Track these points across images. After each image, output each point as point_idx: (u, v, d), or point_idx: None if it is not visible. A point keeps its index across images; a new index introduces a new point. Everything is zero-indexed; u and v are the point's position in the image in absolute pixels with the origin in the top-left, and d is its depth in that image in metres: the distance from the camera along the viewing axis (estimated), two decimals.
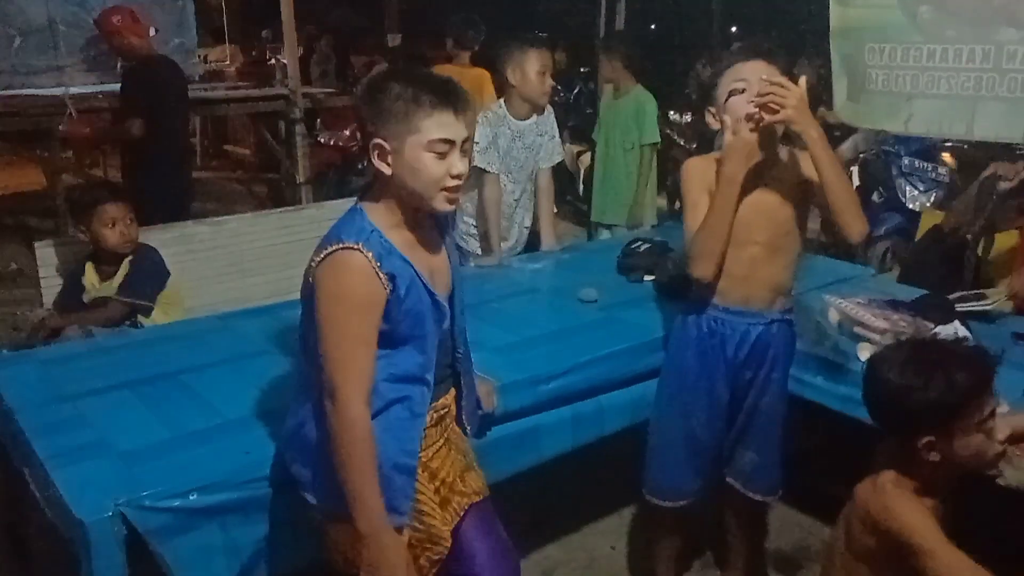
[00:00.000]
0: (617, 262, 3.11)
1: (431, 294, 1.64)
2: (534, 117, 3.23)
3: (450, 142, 1.57)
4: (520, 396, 2.20)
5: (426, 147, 1.56)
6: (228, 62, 7.81)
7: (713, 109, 2.11)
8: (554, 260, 3.30)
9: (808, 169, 2.03)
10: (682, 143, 6.56)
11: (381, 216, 1.62)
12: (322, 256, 1.55)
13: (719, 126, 2.07)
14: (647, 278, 2.97)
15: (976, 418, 1.53)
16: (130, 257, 2.93)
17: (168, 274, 3.00)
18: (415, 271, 1.61)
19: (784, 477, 2.34)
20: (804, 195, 2.09)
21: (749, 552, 2.51)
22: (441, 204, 1.62)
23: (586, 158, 6.21)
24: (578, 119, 7.39)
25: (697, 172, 2.15)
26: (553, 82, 3.19)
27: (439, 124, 1.55)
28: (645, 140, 4.30)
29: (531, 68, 3.12)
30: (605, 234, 4.39)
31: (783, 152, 2.11)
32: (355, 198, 1.71)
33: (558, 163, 3.49)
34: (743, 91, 2.02)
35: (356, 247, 1.53)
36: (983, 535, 1.54)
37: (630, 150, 4.30)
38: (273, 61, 7.87)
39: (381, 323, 1.57)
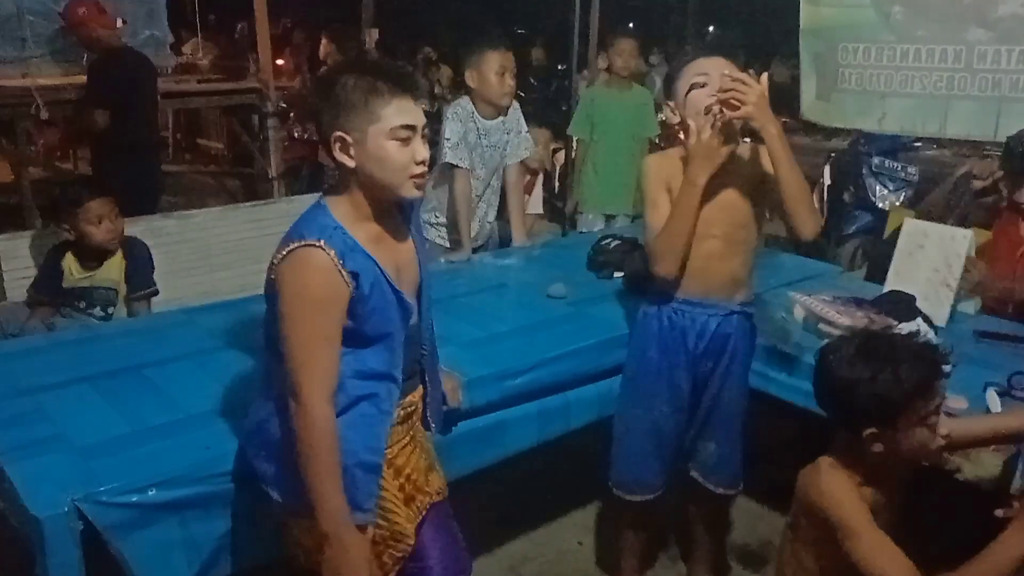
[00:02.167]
0: (587, 258, 3.12)
1: (396, 291, 1.62)
2: (501, 115, 3.22)
3: (411, 127, 1.56)
4: (486, 391, 2.20)
5: (389, 135, 1.55)
6: (200, 55, 7.71)
7: (672, 104, 2.13)
8: (524, 256, 3.30)
9: (765, 165, 2.04)
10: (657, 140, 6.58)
11: (345, 211, 1.60)
12: (283, 253, 1.53)
13: (677, 120, 2.09)
14: (617, 274, 2.98)
15: (921, 413, 1.55)
16: (121, 251, 2.92)
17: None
18: (379, 268, 1.59)
19: (746, 470, 2.37)
20: (761, 190, 2.11)
21: (713, 545, 2.54)
22: (409, 191, 1.61)
23: (561, 155, 6.21)
24: (556, 116, 7.38)
25: (655, 169, 2.18)
26: (513, 82, 3.13)
27: (400, 110, 1.55)
28: (649, 132, 4.39)
29: (488, 70, 3.10)
30: (599, 225, 4.39)
31: (741, 148, 2.13)
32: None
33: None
34: (704, 85, 2.04)
35: (318, 244, 1.51)
36: (944, 530, 1.56)
37: (638, 142, 4.33)
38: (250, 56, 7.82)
39: (345, 320, 1.56)
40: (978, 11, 4.31)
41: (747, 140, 2.11)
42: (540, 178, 4.47)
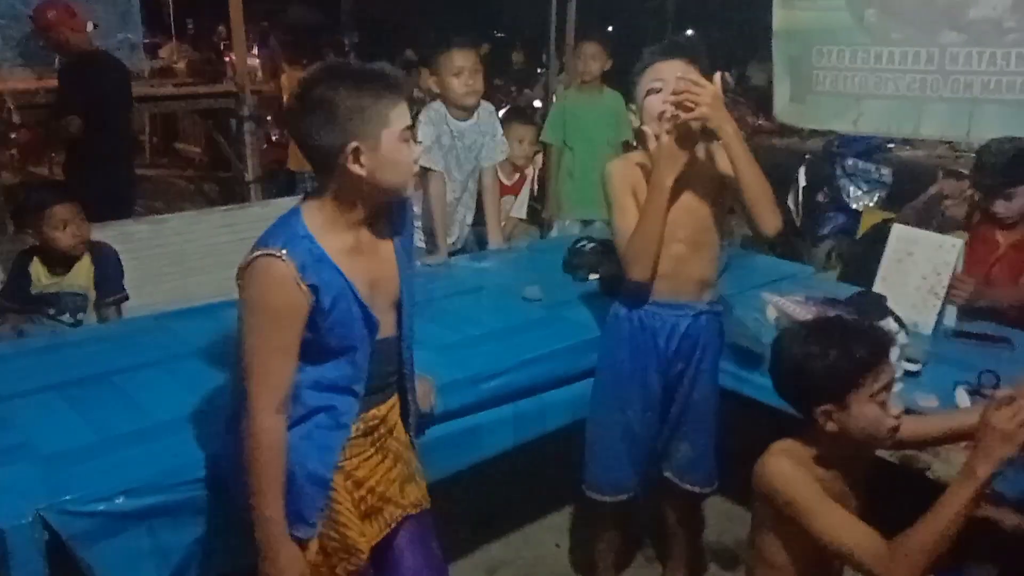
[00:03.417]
0: (563, 261, 3.12)
1: (362, 306, 1.60)
2: (475, 117, 3.21)
3: (411, 127, 1.58)
4: (461, 395, 2.19)
5: (400, 137, 1.56)
6: (176, 59, 7.65)
7: (634, 107, 2.15)
8: (500, 259, 3.30)
9: (724, 165, 2.05)
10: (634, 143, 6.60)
11: (324, 219, 1.58)
12: (246, 261, 1.52)
13: (639, 124, 2.10)
14: (592, 276, 2.98)
15: (871, 389, 1.58)
16: (89, 256, 2.89)
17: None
18: (347, 281, 1.57)
19: (721, 469, 2.38)
20: (722, 191, 2.13)
21: (689, 545, 2.55)
22: (410, 189, 1.65)
23: (539, 158, 6.22)
24: (537, 118, 7.39)
25: (620, 175, 2.19)
26: (475, 81, 3.11)
27: (403, 112, 1.56)
28: (623, 136, 4.36)
29: (447, 72, 3.09)
30: (575, 229, 4.38)
31: (700, 149, 2.14)
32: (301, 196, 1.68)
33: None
34: (659, 90, 2.05)
35: (278, 254, 1.49)
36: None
37: (612, 145, 4.33)
38: (227, 58, 7.77)
39: (304, 332, 1.54)
40: (950, 14, 4.34)
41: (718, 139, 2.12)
42: (529, 178, 4.45)
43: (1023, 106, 4.03)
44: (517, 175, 4.29)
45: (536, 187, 6.02)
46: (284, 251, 1.50)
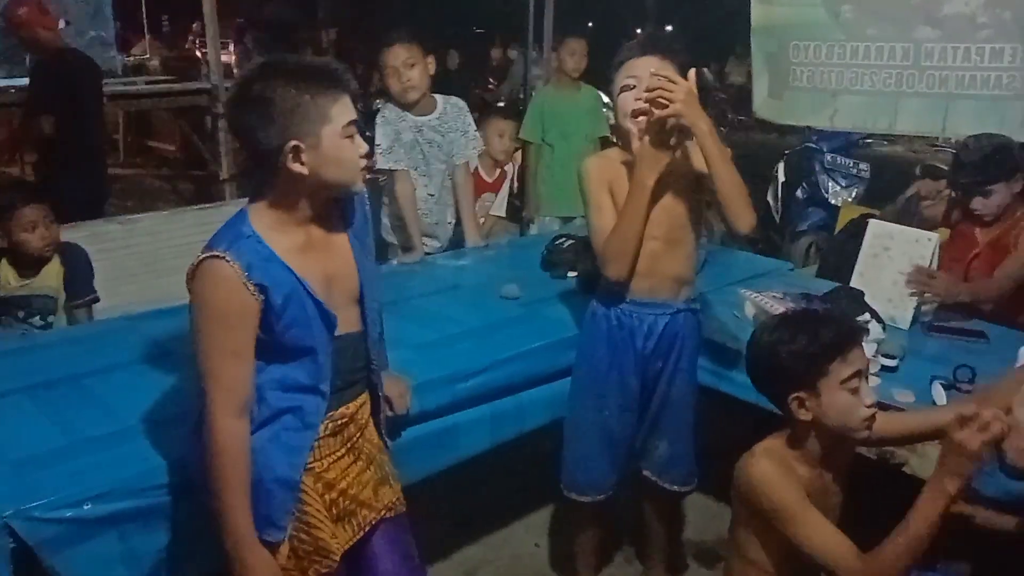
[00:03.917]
0: (541, 258, 3.11)
1: (317, 303, 1.57)
2: (437, 112, 3.18)
3: (354, 122, 1.55)
4: (437, 395, 2.17)
5: (342, 134, 1.52)
6: (149, 56, 7.58)
7: (611, 104, 2.14)
8: (478, 256, 3.28)
9: (699, 162, 2.04)
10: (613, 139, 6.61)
11: (271, 219, 1.55)
12: (193, 265, 1.50)
13: (615, 120, 2.10)
14: (571, 274, 2.97)
15: (841, 375, 1.59)
16: (58, 258, 2.84)
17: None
18: (298, 279, 1.54)
19: (700, 467, 2.37)
20: (698, 188, 2.12)
21: (669, 543, 2.54)
22: (360, 184, 1.62)
23: (519, 155, 6.21)
24: (517, 114, 7.38)
25: (596, 172, 2.18)
26: (414, 75, 3.06)
27: (345, 107, 1.53)
28: (601, 132, 4.36)
29: (385, 69, 3.08)
30: (555, 226, 4.37)
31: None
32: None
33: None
34: (633, 87, 2.04)
35: (222, 256, 1.47)
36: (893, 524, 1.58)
37: (590, 142, 4.31)
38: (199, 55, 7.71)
39: (259, 333, 1.52)
40: (925, 10, 4.37)
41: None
42: (509, 176, 4.42)
43: (997, 101, 4.07)
44: (498, 171, 4.28)
45: (516, 184, 6.01)
46: (228, 252, 1.47)
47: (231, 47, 9.29)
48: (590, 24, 11.70)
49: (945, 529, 1.46)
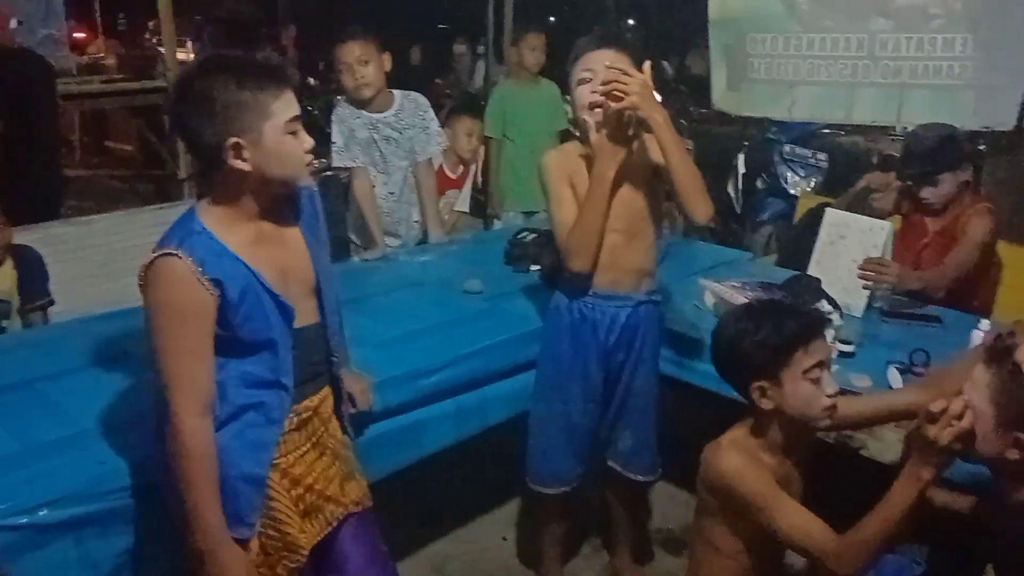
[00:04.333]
0: (504, 252, 3.11)
1: (273, 295, 1.57)
2: (394, 108, 3.16)
3: (298, 118, 1.54)
4: (400, 391, 2.17)
5: (284, 129, 1.51)
6: (104, 55, 7.44)
7: (569, 98, 2.14)
8: (441, 252, 3.27)
9: (657, 154, 2.06)
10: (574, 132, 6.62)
11: (219, 215, 1.54)
12: (146, 264, 1.48)
13: (573, 115, 2.11)
14: (533, 268, 2.97)
15: (803, 365, 1.61)
16: (11, 261, 2.79)
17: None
18: (252, 272, 1.54)
19: (665, 456, 2.39)
20: (656, 180, 2.13)
21: (635, 533, 2.57)
22: (306, 179, 1.62)
23: (481, 151, 6.21)
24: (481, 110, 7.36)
25: (556, 166, 2.18)
26: (368, 72, 3.04)
27: (287, 103, 1.52)
28: (560, 126, 4.37)
29: (339, 64, 3.07)
30: (519, 221, 4.37)
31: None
32: None
33: None
34: (590, 80, 2.05)
35: (174, 252, 1.46)
36: (855, 509, 1.60)
37: (551, 136, 4.32)
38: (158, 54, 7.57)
39: (216, 329, 1.51)
40: (879, 2, 4.43)
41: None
42: (473, 171, 4.42)
43: (949, 90, 4.14)
44: (462, 168, 4.27)
45: (480, 180, 6.01)
46: (180, 249, 1.46)
47: (189, 45, 9.15)
48: (552, 19, 11.70)
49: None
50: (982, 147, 4.24)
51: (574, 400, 2.25)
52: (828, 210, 2.87)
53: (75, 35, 7.48)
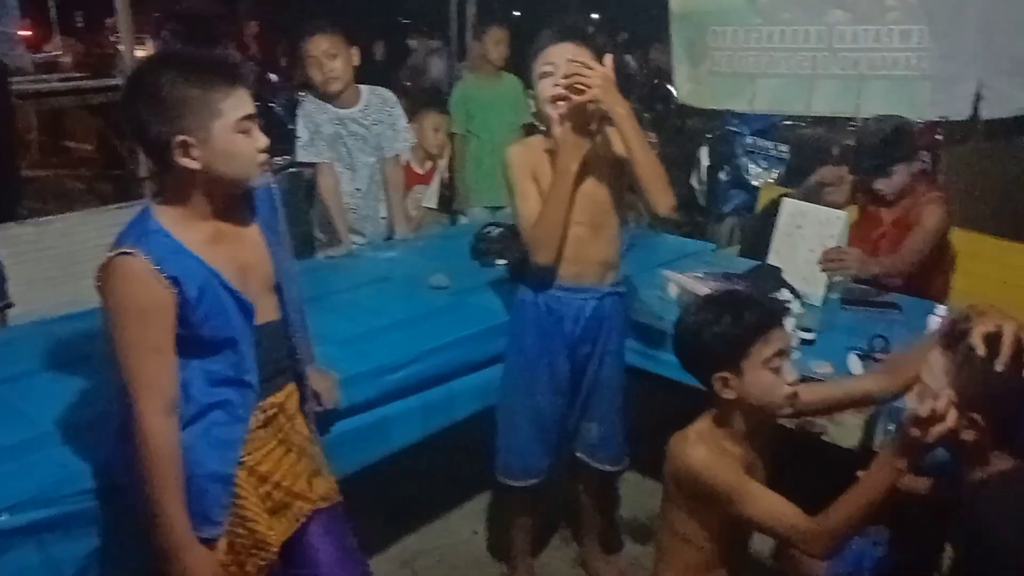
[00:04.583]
0: (470, 247, 3.11)
1: (232, 292, 1.56)
2: (359, 105, 3.15)
3: (251, 117, 1.52)
4: (366, 388, 2.17)
5: (235, 128, 1.50)
6: (62, 53, 7.31)
7: (532, 92, 2.15)
8: (407, 248, 3.26)
9: (620, 147, 2.07)
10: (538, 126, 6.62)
11: (175, 214, 1.53)
12: (102, 264, 1.47)
13: (536, 108, 2.11)
14: (499, 262, 2.98)
15: (763, 355, 1.63)
16: None
17: None
18: (209, 269, 1.53)
19: (632, 446, 2.42)
20: (619, 173, 2.15)
21: (603, 523, 2.59)
22: (259, 178, 1.60)
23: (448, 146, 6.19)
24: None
25: (520, 160, 2.19)
26: (337, 66, 3.03)
27: (239, 101, 1.50)
28: (524, 120, 4.35)
29: (305, 60, 3.06)
30: (485, 216, 4.36)
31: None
32: None
33: None
34: (552, 74, 2.06)
35: (131, 252, 1.45)
36: (817, 493, 1.63)
37: (514, 130, 4.31)
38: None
39: (176, 328, 1.50)
40: None
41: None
42: (441, 167, 4.40)
43: (906, 81, 4.21)
44: (430, 163, 4.26)
45: (447, 175, 6.01)
46: (137, 247, 1.45)
47: (148, 42, 9.02)
48: (515, 13, 11.70)
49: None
50: (939, 137, 4.33)
51: (541, 392, 2.26)
52: (785, 200, 2.91)
53: (31, 32, 7.32)
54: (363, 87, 3.18)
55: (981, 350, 1.40)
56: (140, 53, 6.26)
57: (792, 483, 1.70)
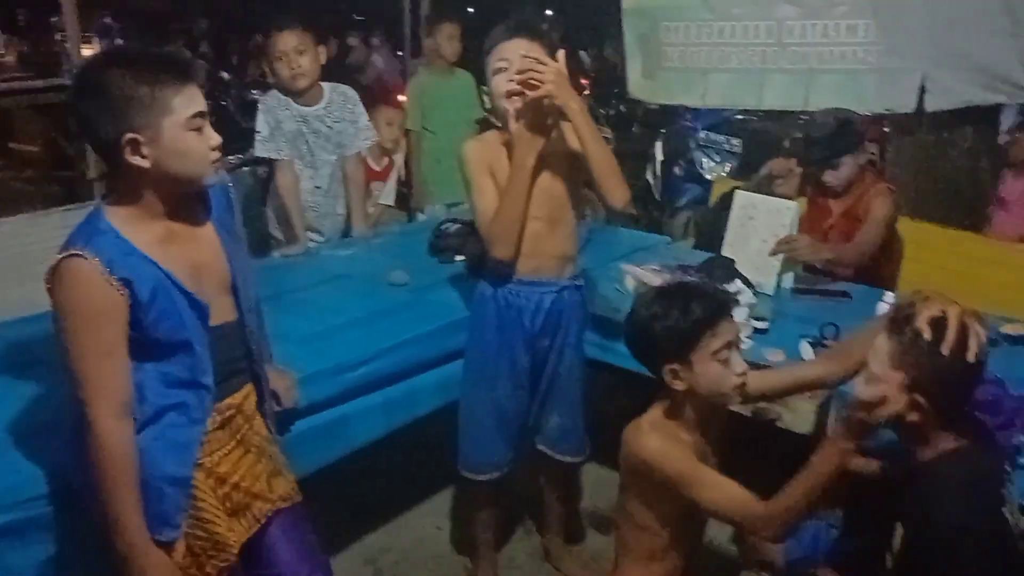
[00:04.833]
0: (428, 243, 3.11)
1: (186, 293, 1.54)
2: (324, 101, 3.13)
3: (203, 114, 1.51)
4: (325, 386, 2.16)
5: (186, 125, 1.48)
6: (3, 52, 7.12)
7: (487, 87, 2.16)
8: (365, 245, 3.25)
9: (574, 142, 2.09)
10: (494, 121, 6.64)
11: (126, 214, 1.51)
12: (51, 266, 1.45)
13: (490, 104, 2.13)
14: (458, 258, 2.98)
15: (712, 347, 1.67)
16: None
17: None
18: (162, 270, 1.51)
19: (593, 437, 2.44)
20: (574, 167, 2.17)
21: (566, 513, 2.62)
22: (210, 176, 1.58)
23: (404, 143, 6.17)
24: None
25: (476, 155, 2.20)
26: (304, 62, 3.01)
27: (190, 98, 1.48)
28: (478, 115, 4.37)
29: (272, 56, 3.04)
30: (443, 213, 4.35)
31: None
32: None
33: None
34: (505, 70, 2.08)
35: (80, 254, 1.43)
36: (775, 481, 1.67)
37: (469, 125, 4.31)
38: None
39: (128, 330, 1.48)
40: None
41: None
42: (397, 164, 4.39)
43: (854, 75, 4.28)
44: (386, 159, 4.24)
45: (404, 173, 5.99)
46: (87, 249, 1.43)
47: (95, 41, 8.84)
48: (469, 9, 11.69)
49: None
50: (886, 129, 4.43)
51: (502, 386, 2.28)
52: (738, 192, 2.96)
53: None
54: (325, 85, 3.17)
55: (927, 334, 1.45)
56: (87, 52, 6.14)
57: (749, 471, 1.74)
